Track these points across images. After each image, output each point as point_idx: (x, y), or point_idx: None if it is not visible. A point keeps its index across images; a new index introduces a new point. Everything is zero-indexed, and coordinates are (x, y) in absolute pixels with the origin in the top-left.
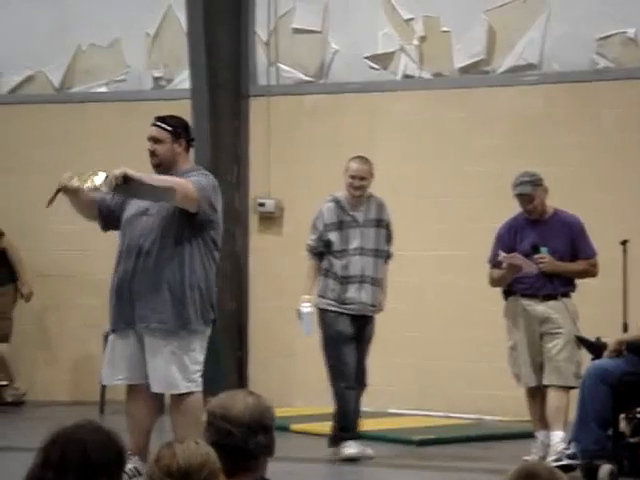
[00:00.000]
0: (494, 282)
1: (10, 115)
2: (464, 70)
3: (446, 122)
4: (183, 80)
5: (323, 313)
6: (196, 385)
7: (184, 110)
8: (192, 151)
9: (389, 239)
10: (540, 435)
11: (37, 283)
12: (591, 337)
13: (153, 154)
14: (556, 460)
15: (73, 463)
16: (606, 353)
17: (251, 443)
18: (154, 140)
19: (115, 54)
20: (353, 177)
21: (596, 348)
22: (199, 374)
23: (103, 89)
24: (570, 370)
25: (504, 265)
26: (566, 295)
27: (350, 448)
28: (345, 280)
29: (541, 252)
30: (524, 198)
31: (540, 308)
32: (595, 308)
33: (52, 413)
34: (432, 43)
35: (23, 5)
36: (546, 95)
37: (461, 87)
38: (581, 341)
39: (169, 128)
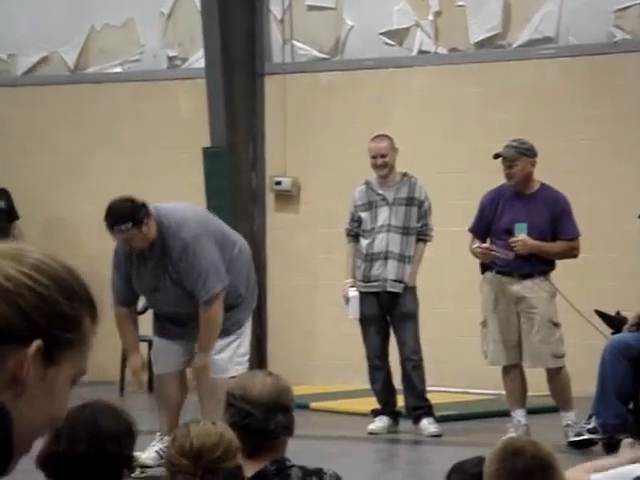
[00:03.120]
0: (472, 253)
1: (25, 96)
2: (480, 45)
3: (462, 97)
4: (198, 59)
5: None
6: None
7: (199, 89)
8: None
9: (422, 217)
10: (516, 414)
11: None
12: (611, 311)
13: (133, 248)
14: (577, 434)
15: (83, 434)
16: (626, 327)
17: (271, 423)
18: (128, 241)
19: (129, 34)
20: (374, 157)
21: (616, 322)
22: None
23: (118, 69)
24: (547, 351)
25: (479, 252)
26: (543, 274)
27: (372, 424)
28: (370, 257)
29: (519, 229)
30: (505, 161)
31: (515, 287)
32: (615, 282)
33: (73, 392)
34: (447, 18)
35: None
36: (563, 68)
37: (477, 62)
38: (601, 315)
39: (129, 225)
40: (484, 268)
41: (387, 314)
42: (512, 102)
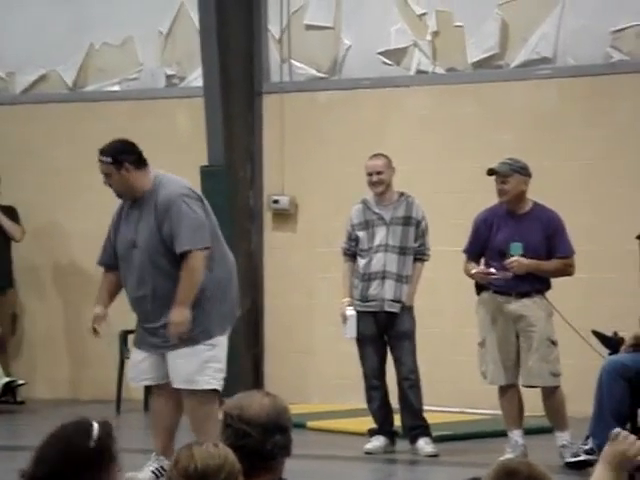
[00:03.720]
0: (468, 275)
1: (24, 114)
2: (477, 65)
3: (460, 117)
4: (196, 78)
5: None
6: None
7: (197, 108)
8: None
9: (419, 236)
10: (513, 435)
11: (53, 281)
12: (608, 332)
13: (111, 187)
14: (574, 455)
15: (54, 459)
16: (623, 348)
17: (268, 444)
18: (105, 175)
19: (128, 52)
20: (370, 174)
21: (613, 343)
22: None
23: (116, 88)
24: (545, 369)
25: (478, 276)
26: (540, 292)
27: (368, 444)
28: (367, 277)
29: (514, 249)
30: (498, 176)
31: (513, 306)
32: (612, 302)
33: (69, 412)
34: (445, 38)
35: (36, 5)
36: (560, 89)
37: (475, 82)
38: (597, 336)
39: (109, 159)
40: (479, 289)
41: (384, 334)
42: (510, 122)
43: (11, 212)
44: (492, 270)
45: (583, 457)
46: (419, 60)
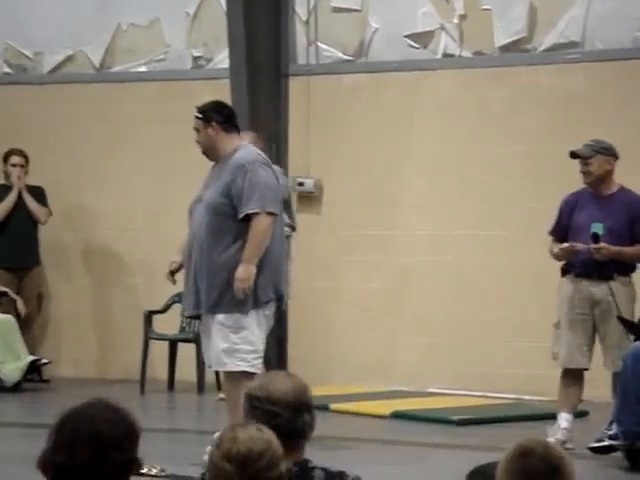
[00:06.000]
0: (551, 255)
1: (51, 95)
2: (505, 48)
3: (487, 101)
4: (223, 59)
5: None
6: (249, 365)
7: (223, 90)
8: None
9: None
10: (561, 417)
11: (80, 261)
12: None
13: (198, 143)
14: (598, 440)
15: (83, 442)
16: None
17: (299, 422)
18: (195, 130)
19: (155, 33)
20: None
21: (638, 329)
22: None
23: (143, 68)
24: (617, 355)
25: (559, 250)
26: (624, 274)
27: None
28: None
29: (596, 228)
30: (580, 159)
31: (594, 289)
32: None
33: (94, 391)
34: (472, 21)
35: None
36: (588, 73)
37: (502, 66)
38: (622, 322)
39: (199, 115)
40: (564, 272)
41: None
42: (537, 106)
43: (39, 193)
44: (577, 244)
45: (607, 442)
46: (446, 43)
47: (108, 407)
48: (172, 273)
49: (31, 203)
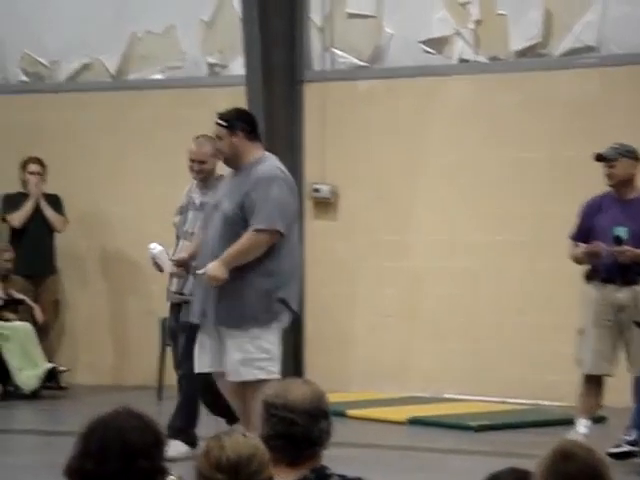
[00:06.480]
0: (573, 259)
1: (67, 103)
2: (520, 53)
3: (502, 106)
4: (238, 66)
5: None
6: (266, 373)
7: (239, 96)
8: None
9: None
10: (580, 422)
11: (97, 268)
12: None
13: (220, 152)
14: (616, 446)
15: (113, 450)
16: None
17: (316, 430)
18: (217, 138)
19: (170, 41)
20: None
21: None
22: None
23: (159, 76)
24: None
25: (582, 252)
26: None
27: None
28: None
29: (618, 232)
30: (605, 162)
31: (618, 295)
32: None
33: (111, 398)
34: (488, 26)
35: None
36: (604, 78)
37: (517, 71)
38: (638, 325)
39: (223, 123)
40: (588, 278)
41: None
42: (553, 111)
43: (55, 201)
44: (600, 244)
45: (626, 448)
46: (461, 49)
47: (135, 415)
48: (179, 265)
49: (48, 211)
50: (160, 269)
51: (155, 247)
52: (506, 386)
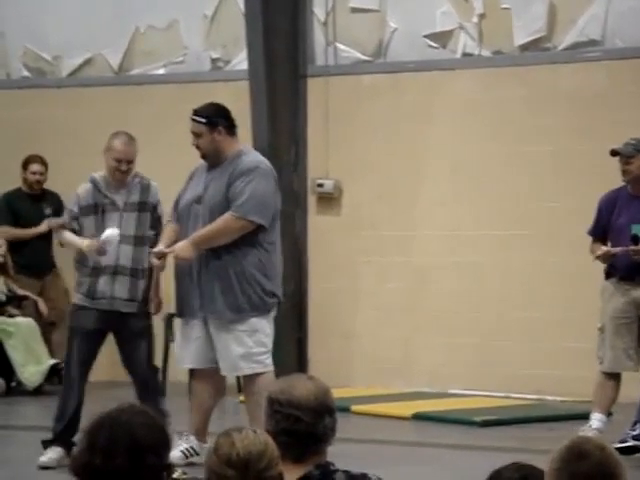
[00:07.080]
0: (593, 256)
1: (70, 98)
2: (524, 47)
3: (506, 100)
4: (241, 61)
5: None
6: (263, 366)
7: (242, 91)
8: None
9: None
10: (594, 417)
11: None
12: None
13: (198, 148)
14: (621, 441)
15: (122, 446)
16: None
17: (320, 426)
18: (194, 135)
19: (173, 36)
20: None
21: None
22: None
23: (161, 71)
24: None
25: (594, 258)
26: None
27: (43, 456)
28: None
29: (637, 230)
30: (621, 157)
31: (637, 293)
32: None
33: (116, 394)
34: (492, 20)
35: None
36: (609, 71)
37: (521, 65)
38: None
39: (203, 120)
40: (608, 274)
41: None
42: (557, 105)
43: (56, 200)
44: (612, 249)
45: (631, 443)
46: (465, 43)
47: (141, 412)
48: (159, 257)
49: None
50: (103, 253)
51: (114, 231)
52: (511, 381)
